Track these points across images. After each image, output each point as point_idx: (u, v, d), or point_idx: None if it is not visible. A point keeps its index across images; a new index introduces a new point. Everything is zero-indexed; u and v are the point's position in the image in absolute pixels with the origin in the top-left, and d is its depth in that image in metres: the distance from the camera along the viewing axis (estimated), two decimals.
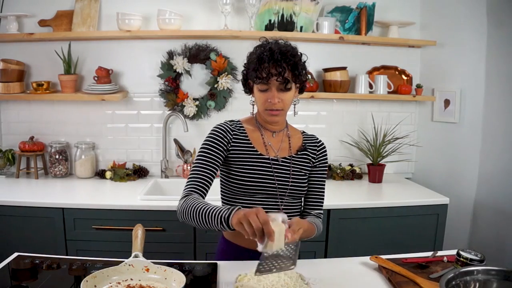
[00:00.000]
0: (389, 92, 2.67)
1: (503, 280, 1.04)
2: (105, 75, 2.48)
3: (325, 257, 2.18)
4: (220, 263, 1.38)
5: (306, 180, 1.48)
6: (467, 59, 2.47)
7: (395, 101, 2.80)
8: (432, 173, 2.75)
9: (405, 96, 2.67)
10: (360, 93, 2.63)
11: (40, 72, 2.59)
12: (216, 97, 2.60)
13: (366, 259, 1.41)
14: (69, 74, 2.51)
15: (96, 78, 2.48)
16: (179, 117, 2.56)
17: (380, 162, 2.62)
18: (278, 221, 1.11)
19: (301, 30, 2.57)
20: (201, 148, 1.42)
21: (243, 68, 1.46)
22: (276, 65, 1.31)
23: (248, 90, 1.46)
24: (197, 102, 2.61)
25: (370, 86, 2.64)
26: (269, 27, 2.56)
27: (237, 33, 2.47)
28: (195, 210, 1.24)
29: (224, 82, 2.55)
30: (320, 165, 1.52)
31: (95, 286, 1.10)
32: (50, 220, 2.07)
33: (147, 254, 1.25)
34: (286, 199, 1.43)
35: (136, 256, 1.21)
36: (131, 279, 1.17)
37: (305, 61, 1.40)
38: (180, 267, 1.26)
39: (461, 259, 1.22)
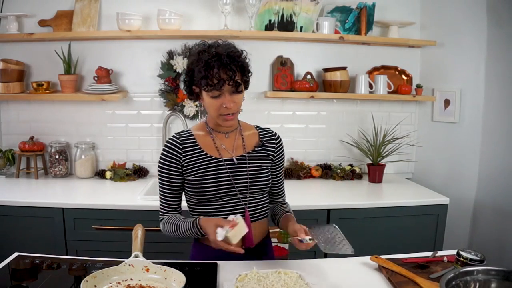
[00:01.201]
0: (389, 92, 2.67)
1: (503, 280, 1.04)
2: (105, 75, 2.48)
3: (325, 257, 2.17)
4: (220, 263, 1.38)
5: (267, 175, 1.48)
6: (467, 59, 2.47)
7: (395, 101, 2.80)
8: (432, 173, 2.75)
9: (405, 96, 2.67)
10: (360, 93, 2.63)
11: (40, 72, 2.59)
12: None
13: (366, 259, 1.41)
14: (69, 74, 2.51)
15: (96, 78, 2.48)
16: (179, 117, 2.56)
17: (380, 162, 2.62)
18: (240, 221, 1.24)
19: (301, 30, 2.57)
20: (158, 169, 1.47)
21: (184, 75, 1.43)
22: (226, 69, 1.29)
23: (194, 96, 1.44)
24: (197, 102, 2.61)
25: (370, 86, 2.64)
26: (269, 27, 2.56)
27: (237, 33, 2.47)
28: (171, 229, 1.42)
29: None
30: (280, 158, 1.56)
31: (95, 286, 1.10)
32: (50, 220, 2.07)
33: (147, 254, 1.25)
34: (250, 196, 1.44)
35: (136, 256, 1.21)
36: (131, 279, 1.17)
37: (246, 57, 1.39)
38: (180, 267, 1.26)
39: (461, 259, 1.22)
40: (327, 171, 2.69)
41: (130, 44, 2.59)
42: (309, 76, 2.64)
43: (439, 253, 1.46)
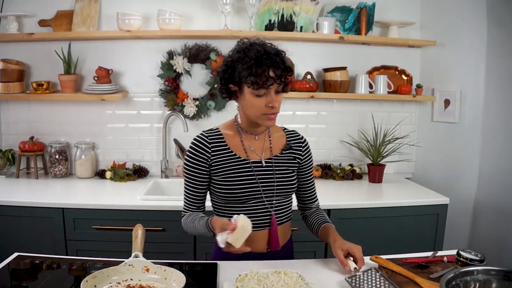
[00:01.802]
0: (389, 92, 2.67)
1: (503, 280, 1.04)
2: (105, 75, 2.48)
3: (325, 257, 2.18)
4: (220, 263, 1.38)
5: (293, 178, 1.47)
6: (467, 59, 2.47)
7: (395, 101, 2.80)
8: (432, 173, 2.75)
9: (405, 96, 2.67)
10: (360, 93, 2.63)
11: (40, 72, 2.59)
12: (216, 97, 2.60)
13: (366, 259, 1.41)
14: (69, 74, 2.51)
15: (96, 78, 2.48)
16: (179, 117, 2.56)
17: (380, 162, 2.62)
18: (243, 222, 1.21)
19: (301, 30, 2.57)
20: (184, 167, 1.46)
21: (220, 73, 1.39)
22: (275, 68, 1.28)
23: (228, 95, 1.41)
24: (197, 102, 2.61)
25: (370, 86, 2.64)
26: (269, 27, 2.56)
27: (237, 33, 2.47)
28: (190, 227, 1.43)
29: None
30: (308, 161, 1.54)
31: (95, 286, 1.10)
32: (50, 220, 2.07)
33: (147, 254, 1.25)
34: (276, 199, 1.43)
35: (136, 256, 1.21)
36: (131, 279, 1.17)
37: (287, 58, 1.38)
38: (180, 267, 1.26)
39: (461, 259, 1.22)
40: (327, 171, 2.69)
41: (130, 44, 2.59)
42: (309, 76, 2.64)
43: (439, 253, 1.46)
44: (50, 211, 2.06)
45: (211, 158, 1.40)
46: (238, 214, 1.33)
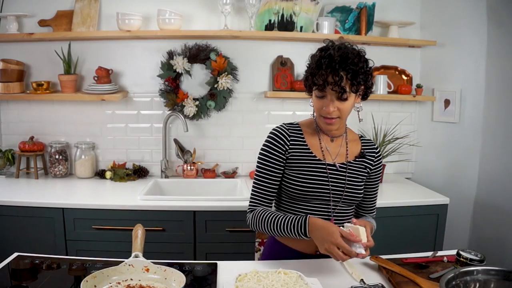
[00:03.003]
0: (389, 92, 2.67)
1: (503, 280, 1.04)
2: (105, 75, 2.48)
3: (325, 257, 2.17)
4: (220, 263, 1.38)
5: (361, 187, 1.46)
6: (467, 59, 2.47)
7: (395, 101, 2.80)
8: (432, 173, 2.75)
9: (405, 96, 2.67)
10: None
11: (40, 72, 2.59)
12: (216, 97, 2.60)
13: (366, 259, 1.41)
14: (69, 74, 2.51)
15: (96, 78, 2.48)
16: (179, 117, 2.56)
17: None
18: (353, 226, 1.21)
19: (301, 30, 2.57)
20: (260, 156, 1.42)
21: (307, 67, 1.40)
22: (333, 73, 1.25)
23: (308, 88, 1.41)
24: (197, 102, 2.61)
25: None
26: (269, 27, 2.56)
27: (237, 33, 2.47)
28: (265, 223, 1.35)
29: (224, 82, 2.55)
30: (377, 172, 1.51)
31: (95, 286, 1.10)
32: (50, 220, 2.07)
33: (147, 254, 1.25)
34: (340, 206, 1.42)
35: (136, 256, 1.21)
36: (131, 279, 1.17)
37: (371, 67, 1.34)
38: (180, 267, 1.26)
39: (461, 259, 1.22)
40: None
41: (130, 44, 2.59)
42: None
43: (439, 253, 1.46)
44: (50, 211, 2.06)
45: (289, 151, 1.39)
46: (298, 213, 1.36)
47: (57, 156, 2.56)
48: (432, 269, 1.34)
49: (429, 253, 1.46)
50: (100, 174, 2.60)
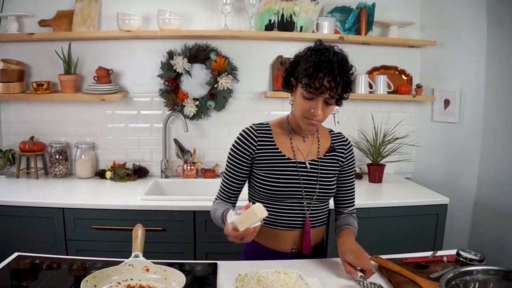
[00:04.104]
0: (389, 92, 2.67)
1: (502, 280, 1.04)
2: (105, 75, 2.48)
3: (325, 257, 2.17)
4: (220, 263, 1.38)
5: (334, 182, 1.46)
6: (467, 59, 2.47)
7: (395, 101, 2.80)
8: (432, 173, 2.75)
9: (405, 96, 2.67)
10: (360, 93, 2.63)
11: (40, 72, 2.59)
12: (216, 97, 2.60)
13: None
14: (69, 74, 2.51)
15: (96, 78, 2.48)
16: (179, 117, 2.56)
17: (380, 162, 2.62)
18: (235, 218, 1.15)
19: (301, 30, 2.57)
20: (228, 156, 1.44)
21: (287, 64, 1.39)
22: (331, 79, 1.24)
23: (288, 88, 1.40)
24: (197, 102, 2.61)
25: (370, 86, 2.64)
26: (269, 27, 2.56)
27: (237, 33, 2.47)
28: (213, 217, 1.42)
29: (224, 82, 2.55)
30: (350, 165, 1.50)
31: (95, 286, 1.10)
32: (50, 220, 2.07)
33: (147, 254, 1.25)
34: (314, 203, 1.42)
35: (136, 256, 1.21)
36: (131, 279, 1.17)
37: (353, 75, 1.34)
38: (180, 267, 1.26)
39: (461, 259, 1.22)
40: None
41: (130, 44, 2.59)
42: None
43: (439, 253, 1.46)
44: (50, 211, 2.06)
45: (256, 151, 1.40)
46: (274, 212, 1.36)
47: (57, 156, 2.56)
48: (432, 269, 1.34)
49: (429, 253, 1.46)
50: (100, 174, 2.60)
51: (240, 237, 1.15)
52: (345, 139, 1.51)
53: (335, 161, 1.46)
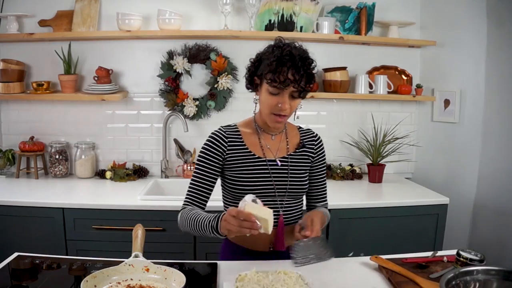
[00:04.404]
0: (389, 92, 2.67)
1: (503, 280, 1.04)
2: (105, 75, 2.48)
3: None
4: (220, 263, 1.38)
5: (305, 178, 1.47)
6: (467, 59, 2.47)
7: (395, 101, 2.80)
8: (432, 173, 2.75)
9: (405, 96, 2.67)
10: (360, 93, 2.63)
11: (40, 72, 2.59)
12: (216, 97, 2.60)
13: (366, 259, 1.41)
14: (69, 74, 2.51)
15: (96, 78, 2.48)
16: (179, 117, 2.56)
17: (380, 162, 2.62)
18: (249, 203, 1.15)
19: (301, 30, 2.57)
20: (197, 159, 1.44)
21: (249, 63, 1.41)
22: (295, 71, 1.27)
23: (252, 87, 1.43)
24: (197, 102, 2.61)
25: (370, 86, 2.64)
26: (269, 27, 2.56)
27: (237, 33, 2.47)
28: (189, 222, 1.32)
29: (224, 82, 2.55)
30: (320, 159, 1.52)
31: (95, 286, 1.10)
32: (50, 220, 2.07)
33: (147, 254, 1.25)
34: (286, 200, 1.43)
35: (136, 256, 1.21)
36: (131, 279, 1.17)
37: (315, 68, 1.36)
38: (180, 267, 1.26)
39: (461, 259, 1.22)
40: (327, 171, 2.69)
41: (130, 44, 2.59)
42: None
43: (439, 253, 1.46)
44: (50, 211, 2.06)
45: (227, 152, 1.41)
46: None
47: (57, 156, 2.56)
48: (432, 269, 1.34)
49: (429, 253, 1.46)
50: (100, 174, 2.60)
51: (240, 217, 1.12)
52: (314, 134, 1.54)
53: (306, 157, 1.48)
